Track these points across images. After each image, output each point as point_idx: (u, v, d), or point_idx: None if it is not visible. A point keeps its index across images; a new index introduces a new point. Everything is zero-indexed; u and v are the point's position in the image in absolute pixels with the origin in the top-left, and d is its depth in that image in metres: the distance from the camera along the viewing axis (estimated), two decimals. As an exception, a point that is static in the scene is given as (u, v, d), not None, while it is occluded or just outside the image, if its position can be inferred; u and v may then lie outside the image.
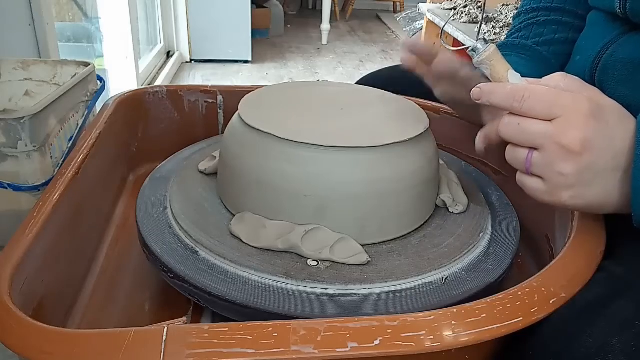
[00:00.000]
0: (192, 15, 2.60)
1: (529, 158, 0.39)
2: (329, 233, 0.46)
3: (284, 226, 0.47)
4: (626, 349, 0.32)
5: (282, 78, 2.64)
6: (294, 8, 4.42)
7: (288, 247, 0.46)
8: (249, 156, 0.48)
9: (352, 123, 0.51)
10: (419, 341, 0.32)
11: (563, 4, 0.64)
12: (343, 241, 0.46)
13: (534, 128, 0.38)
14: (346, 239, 0.46)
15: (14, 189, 0.70)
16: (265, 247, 0.46)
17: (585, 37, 0.58)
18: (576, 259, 0.40)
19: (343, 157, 0.45)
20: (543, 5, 0.65)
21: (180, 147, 0.66)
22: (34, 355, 0.30)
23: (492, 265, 0.46)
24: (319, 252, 0.45)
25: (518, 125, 0.39)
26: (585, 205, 0.40)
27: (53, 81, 0.89)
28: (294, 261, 0.45)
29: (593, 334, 0.33)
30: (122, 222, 0.64)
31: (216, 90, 0.75)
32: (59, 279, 0.46)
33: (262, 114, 0.51)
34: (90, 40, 1.86)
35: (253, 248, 0.46)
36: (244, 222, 0.48)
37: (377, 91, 0.61)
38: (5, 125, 0.67)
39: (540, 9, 0.65)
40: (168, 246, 0.47)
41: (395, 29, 3.87)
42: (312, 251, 0.45)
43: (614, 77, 0.51)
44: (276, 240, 0.46)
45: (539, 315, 0.34)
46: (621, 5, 0.50)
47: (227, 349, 0.30)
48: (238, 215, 0.50)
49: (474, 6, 2.12)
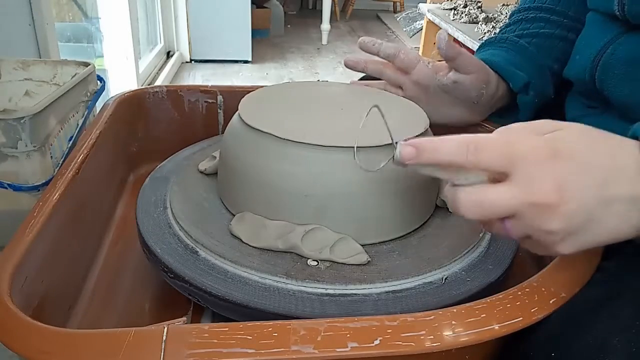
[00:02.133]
0: (192, 15, 2.61)
1: (507, 228, 0.35)
2: (329, 233, 0.46)
3: (284, 226, 0.47)
4: (626, 349, 0.32)
5: (282, 78, 2.64)
6: (294, 8, 4.43)
7: (288, 247, 0.46)
8: (249, 156, 0.48)
9: (353, 123, 0.51)
10: (419, 341, 0.32)
11: (554, 5, 0.65)
12: (343, 241, 0.46)
13: (498, 198, 0.33)
14: (346, 239, 0.46)
15: (14, 189, 0.70)
16: (266, 247, 0.46)
17: (585, 36, 0.59)
18: (576, 259, 0.40)
19: (343, 157, 0.45)
20: (535, 5, 0.66)
21: (180, 147, 0.66)
22: (34, 355, 0.30)
23: (492, 265, 0.46)
24: (319, 252, 0.45)
25: (479, 201, 0.34)
26: (588, 247, 0.35)
27: (53, 81, 0.89)
28: (294, 261, 0.45)
29: (592, 334, 0.33)
30: (122, 222, 0.64)
31: (216, 90, 0.75)
32: (59, 279, 0.46)
33: (262, 114, 0.51)
34: (90, 40, 1.86)
35: (253, 248, 0.46)
36: (244, 222, 0.48)
37: (377, 91, 0.61)
38: (5, 125, 0.67)
39: (531, 8, 0.66)
40: (168, 246, 0.47)
41: (395, 29, 3.87)
42: (312, 251, 0.45)
43: (614, 75, 0.51)
44: (276, 240, 0.46)
45: (539, 315, 0.34)
46: (620, 7, 0.50)
47: (227, 349, 0.30)
48: (238, 215, 0.50)
49: (474, 6, 2.12)
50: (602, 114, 0.56)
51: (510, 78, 0.60)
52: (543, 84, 0.63)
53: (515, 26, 0.66)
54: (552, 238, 0.34)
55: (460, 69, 0.57)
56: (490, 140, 0.34)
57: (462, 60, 0.56)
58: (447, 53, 0.55)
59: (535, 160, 0.33)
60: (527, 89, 0.61)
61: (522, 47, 0.63)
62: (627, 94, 0.50)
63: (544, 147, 0.33)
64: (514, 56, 0.62)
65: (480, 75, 0.58)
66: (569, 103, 0.62)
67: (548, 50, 0.63)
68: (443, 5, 2.34)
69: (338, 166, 0.45)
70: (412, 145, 0.35)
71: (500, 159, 0.33)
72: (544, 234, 0.34)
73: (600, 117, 0.56)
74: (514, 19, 0.67)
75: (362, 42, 0.62)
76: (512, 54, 0.62)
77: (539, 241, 0.35)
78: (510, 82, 0.60)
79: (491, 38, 0.67)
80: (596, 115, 0.56)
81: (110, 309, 0.50)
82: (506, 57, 0.62)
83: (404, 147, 0.36)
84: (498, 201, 0.33)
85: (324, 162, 0.46)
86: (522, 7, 0.68)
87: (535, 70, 0.62)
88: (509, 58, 0.62)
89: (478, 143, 0.34)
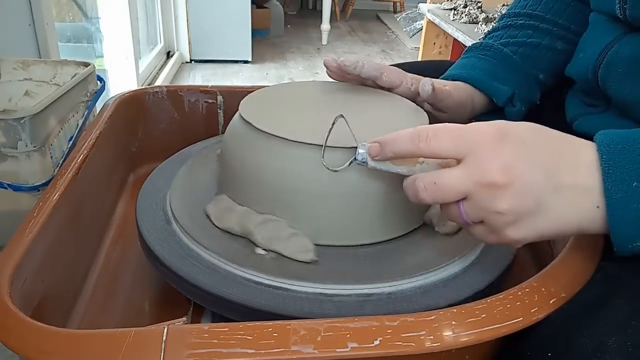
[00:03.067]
0: (192, 15, 2.61)
1: (461, 211, 0.36)
2: (284, 226, 0.47)
3: (246, 212, 0.48)
4: (623, 349, 0.32)
5: (282, 78, 2.64)
6: (294, 8, 4.43)
7: (244, 232, 0.47)
8: (250, 156, 0.48)
9: (353, 123, 0.51)
10: (419, 341, 0.32)
11: (544, 12, 0.64)
12: (296, 237, 0.46)
13: (451, 179, 0.35)
14: (299, 235, 0.46)
15: (14, 189, 0.70)
16: (226, 229, 0.48)
17: (589, 34, 0.58)
18: (576, 259, 0.40)
19: (345, 157, 0.45)
20: (525, 11, 0.65)
21: (180, 147, 0.66)
22: (33, 355, 0.30)
23: (492, 266, 0.46)
24: (269, 242, 0.46)
25: (434, 184, 0.36)
26: (538, 236, 0.36)
27: (53, 81, 0.89)
28: (245, 247, 0.46)
29: (590, 334, 0.33)
30: (122, 222, 0.64)
31: (216, 90, 0.75)
32: (59, 279, 0.46)
33: (264, 113, 0.51)
34: (90, 40, 1.86)
35: (220, 231, 0.48)
36: (217, 203, 0.51)
37: (378, 91, 0.61)
38: (5, 125, 0.67)
39: (521, 14, 0.65)
40: (168, 246, 0.47)
41: (395, 29, 3.87)
42: (263, 239, 0.46)
43: (617, 74, 0.51)
44: (235, 224, 0.48)
45: (539, 315, 0.34)
46: (621, 10, 0.50)
47: (227, 349, 0.30)
48: (217, 197, 0.51)
49: (474, 6, 2.12)
50: (602, 113, 0.56)
51: (494, 94, 0.61)
52: (529, 91, 0.63)
53: (503, 32, 0.65)
54: (502, 219, 0.35)
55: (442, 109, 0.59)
56: (441, 127, 0.36)
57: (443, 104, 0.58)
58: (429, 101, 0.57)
59: (485, 142, 0.34)
60: (512, 100, 0.62)
61: (506, 56, 0.62)
62: (630, 92, 0.50)
63: (493, 132, 0.35)
64: (496, 67, 0.62)
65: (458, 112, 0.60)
66: (569, 102, 0.62)
67: (534, 60, 0.63)
68: (443, 5, 2.34)
69: (309, 163, 0.45)
70: (376, 142, 0.39)
71: (452, 144, 0.35)
72: (494, 215, 0.35)
73: (601, 116, 0.56)
74: (503, 24, 0.66)
75: (342, 65, 0.57)
76: (494, 65, 0.62)
77: (489, 224, 0.36)
78: (494, 98, 0.61)
79: (477, 43, 0.66)
80: (597, 113, 0.56)
81: (110, 309, 0.50)
82: (489, 71, 0.61)
83: (371, 146, 0.40)
84: (451, 179, 0.35)
85: (298, 159, 0.46)
86: (512, 11, 0.67)
87: (520, 79, 0.62)
88: (492, 71, 0.61)
89: (430, 130, 0.36)
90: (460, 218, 0.37)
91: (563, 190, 0.35)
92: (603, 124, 0.54)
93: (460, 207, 0.36)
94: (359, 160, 0.41)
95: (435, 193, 0.36)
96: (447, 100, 0.57)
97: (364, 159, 0.41)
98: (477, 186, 0.34)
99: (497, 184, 0.34)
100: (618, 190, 0.34)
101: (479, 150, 0.34)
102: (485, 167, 0.34)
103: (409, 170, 0.39)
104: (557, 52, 0.63)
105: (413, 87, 0.57)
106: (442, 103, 0.57)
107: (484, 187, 0.34)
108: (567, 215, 0.35)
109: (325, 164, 0.44)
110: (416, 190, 0.37)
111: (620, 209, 0.34)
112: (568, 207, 0.35)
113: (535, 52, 0.63)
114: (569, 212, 0.35)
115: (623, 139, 0.35)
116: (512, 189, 0.34)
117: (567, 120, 0.60)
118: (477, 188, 0.34)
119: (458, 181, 0.35)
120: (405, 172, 0.39)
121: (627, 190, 0.34)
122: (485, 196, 0.34)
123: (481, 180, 0.34)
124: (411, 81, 0.57)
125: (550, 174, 0.34)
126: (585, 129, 0.56)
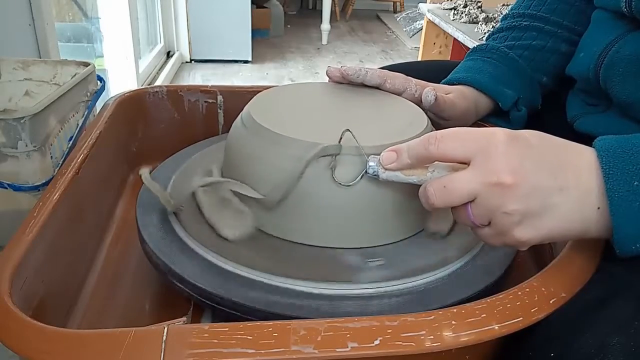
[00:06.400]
0: (192, 15, 2.61)
1: (469, 212, 0.37)
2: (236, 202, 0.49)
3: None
4: (625, 349, 0.32)
5: (282, 78, 2.64)
6: (294, 8, 4.43)
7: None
8: (254, 156, 0.48)
9: (353, 123, 0.51)
10: (419, 341, 0.32)
11: (549, 13, 0.63)
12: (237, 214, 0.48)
13: (460, 181, 0.36)
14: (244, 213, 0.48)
15: (14, 189, 0.70)
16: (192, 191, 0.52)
17: (591, 33, 0.58)
18: (576, 259, 0.40)
19: (355, 170, 0.45)
20: (529, 12, 0.65)
21: (180, 147, 0.66)
22: (34, 355, 0.30)
23: (492, 266, 0.46)
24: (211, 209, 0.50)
25: (444, 188, 0.36)
26: (543, 237, 0.36)
27: (53, 81, 0.89)
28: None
29: (592, 334, 0.33)
30: (122, 222, 0.64)
31: (216, 90, 0.75)
32: (59, 279, 0.46)
33: (272, 114, 0.51)
34: (90, 40, 1.86)
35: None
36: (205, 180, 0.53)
37: (381, 92, 0.61)
38: (5, 125, 0.67)
39: (525, 15, 0.65)
40: (168, 246, 0.47)
41: (395, 29, 3.87)
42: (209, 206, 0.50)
43: (619, 73, 0.51)
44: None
45: (539, 315, 0.34)
46: (627, 4, 0.50)
47: (227, 349, 0.30)
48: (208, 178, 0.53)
49: (474, 6, 2.12)
50: (603, 112, 0.56)
51: (500, 99, 0.60)
52: (532, 96, 0.63)
53: (507, 33, 0.65)
54: (509, 220, 0.35)
55: (445, 118, 0.58)
56: (451, 131, 0.37)
57: (446, 114, 0.57)
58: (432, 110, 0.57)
59: (493, 144, 0.35)
60: (517, 104, 0.61)
61: (512, 59, 0.62)
62: (631, 92, 0.50)
63: (502, 134, 0.35)
64: (502, 71, 0.61)
65: (462, 120, 0.59)
66: (569, 101, 0.62)
67: (538, 64, 0.63)
68: (443, 5, 2.34)
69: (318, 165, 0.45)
70: (392, 150, 0.40)
71: (460, 146, 0.36)
72: (501, 215, 0.35)
73: (602, 116, 0.56)
74: (507, 25, 0.66)
75: (345, 75, 0.57)
76: (500, 69, 0.62)
77: (497, 226, 0.36)
78: (500, 102, 0.61)
79: (482, 45, 0.65)
80: (598, 113, 0.56)
81: (110, 309, 0.50)
82: (495, 74, 0.61)
83: (386, 155, 0.40)
84: (460, 181, 0.36)
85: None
86: (516, 12, 0.66)
87: (525, 84, 0.62)
88: (498, 74, 0.61)
89: (438, 134, 0.37)
90: (469, 220, 0.37)
91: (568, 192, 0.35)
92: (604, 123, 0.54)
93: (469, 209, 0.37)
94: (370, 173, 0.42)
95: (444, 196, 0.37)
96: (450, 110, 0.57)
97: (375, 172, 0.42)
98: (484, 186, 0.35)
99: (504, 184, 0.34)
100: (620, 189, 0.34)
101: (487, 152, 0.35)
102: (493, 168, 0.34)
103: (420, 180, 0.40)
104: (561, 55, 0.63)
105: (417, 93, 0.57)
106: (445, 113, 0.57)
107: (492, 187, 0.35)
108: (572, 217, 0.36)
109: (336, 179, 0.44)
110: (427, 194, 0.38)
111: (624, 208, 0.34)
112: (572, 208, 0.35)
113: (540, 55, 0.63)
114: (574, 214, 0.35)
115: (622, 143, 0.36)
116: (519, 190, 0.34)
117: (568, 119, 0.60)
118: (485, 188, 0.35)
119: (466, 182, 0.35)
120: (417, 181, 0.40)
121: (629, 189, 0.34)
122: (493, 197, 0.35)
123: (489, 180, 0.34)
124: (415, 87, 0.57)
125: (556, 176, 0.35)
126: (586, 129, 0.56)
